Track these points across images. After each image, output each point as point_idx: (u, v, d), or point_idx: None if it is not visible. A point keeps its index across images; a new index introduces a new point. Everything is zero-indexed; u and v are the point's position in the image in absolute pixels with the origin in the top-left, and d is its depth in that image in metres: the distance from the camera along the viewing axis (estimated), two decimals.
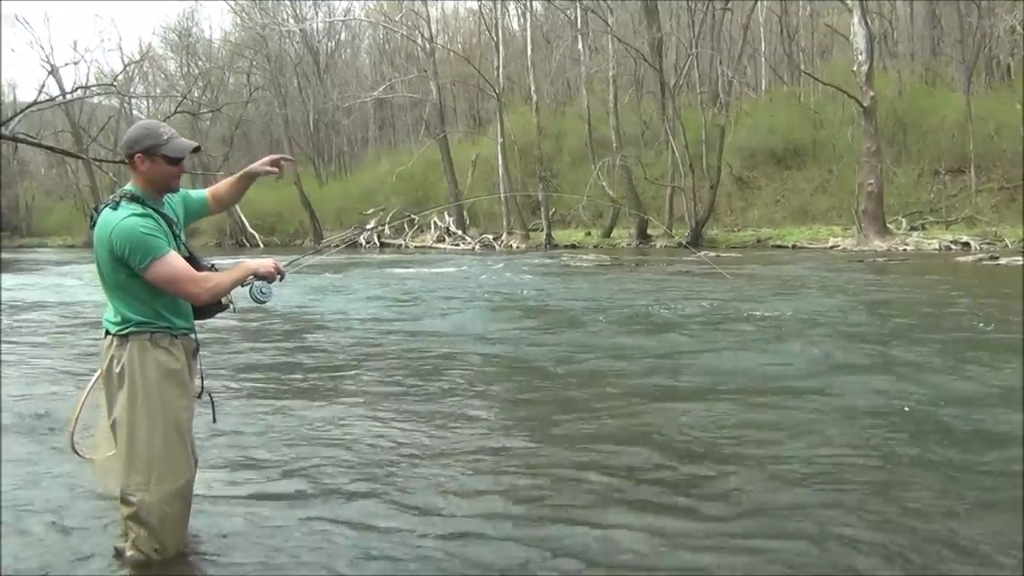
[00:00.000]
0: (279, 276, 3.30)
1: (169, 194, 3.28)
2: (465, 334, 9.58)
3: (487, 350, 8.48)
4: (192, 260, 3.19)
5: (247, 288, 3.26)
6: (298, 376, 7.20)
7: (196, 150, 3.21)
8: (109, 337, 3.12)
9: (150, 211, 3.08)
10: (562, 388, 6.60)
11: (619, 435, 5.04)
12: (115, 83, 38.61)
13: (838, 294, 12.71)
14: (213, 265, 3.31)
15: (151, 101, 58.91)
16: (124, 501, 3.10)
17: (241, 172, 3.59)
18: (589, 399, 6.12)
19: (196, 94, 48.57)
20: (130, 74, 53.26)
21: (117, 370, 3.08)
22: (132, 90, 52.52)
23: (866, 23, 25.83)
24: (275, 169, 3.53)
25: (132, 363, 3.06)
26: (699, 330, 9.43)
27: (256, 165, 3.55)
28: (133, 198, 3.08)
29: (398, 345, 8.83)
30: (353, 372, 7.36)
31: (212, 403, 3.46)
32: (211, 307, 3.29)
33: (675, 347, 8.30)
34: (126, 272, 3.03)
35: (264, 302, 3.28)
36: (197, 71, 55.94)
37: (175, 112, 29.55)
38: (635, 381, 6.70)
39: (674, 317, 10.59)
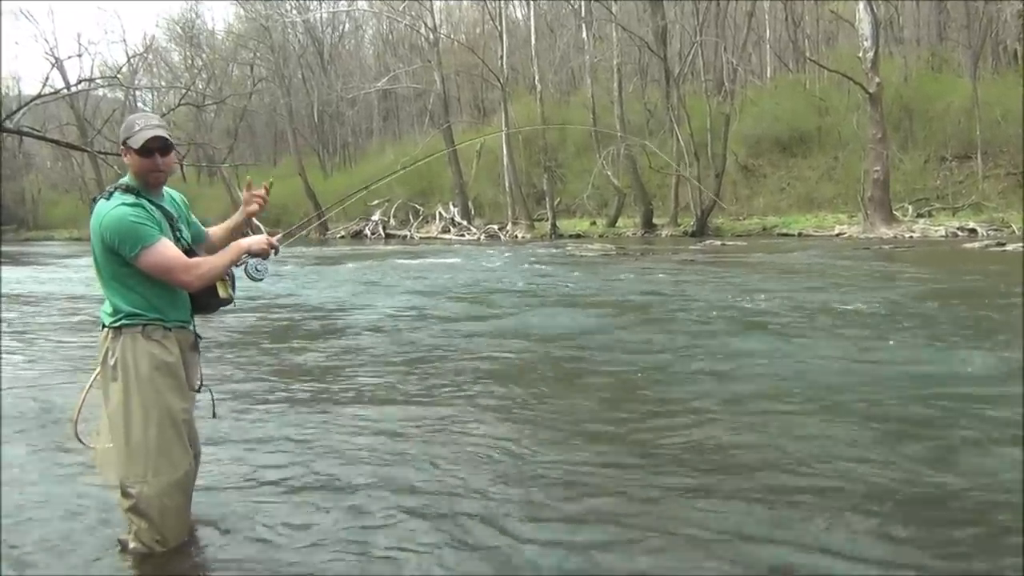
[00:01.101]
0: (273, 251, 3.27)
1: (170, 192, 3.28)
2: (521, 332, 8.75)
3: (558, 352, 7.57)
4: (190, 254, 3.19)
5: (241, 267, 3.23)
6: (322, 375, 7.02)
7: (162, 142, 3.08)
8: (105, 330, 3.13)
9: (143, 201, 3.07)
10: (659, 403, 5.54)
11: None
12: (119, 75, 38.64)
13: (890, 283, 12.24)
14: None
15: (155, 93, 58.90)
16: (124, 494, 3.11)
17: (234, 221, 3.51)
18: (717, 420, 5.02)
19: (200, 86, 48.63)
20: (134, 66, 53.36)
21: (111, 363, 3.08)
22: (136, 82, 52.47)
23: (871, 9, 25.68)
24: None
25: (125, 355, 3.06)
26: (805, 327, 8.42)
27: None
28: (128, 189, 3.09)
29: (455, 346, 8.04)
30: (395, 374, 6.85)
31: (212, 398, 3.47)
32: (213, 301, 3.27)
33: (806, 348, 7.31)
34: (118, 262, 3.04)
35: (260, 279, 3.24)
36: (201, 63, 56.01)
37: (179, 104, 29.58)
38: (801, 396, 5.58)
39: (759, 312, 9.62)
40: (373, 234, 40.33)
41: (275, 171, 53.73)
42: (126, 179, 3.14)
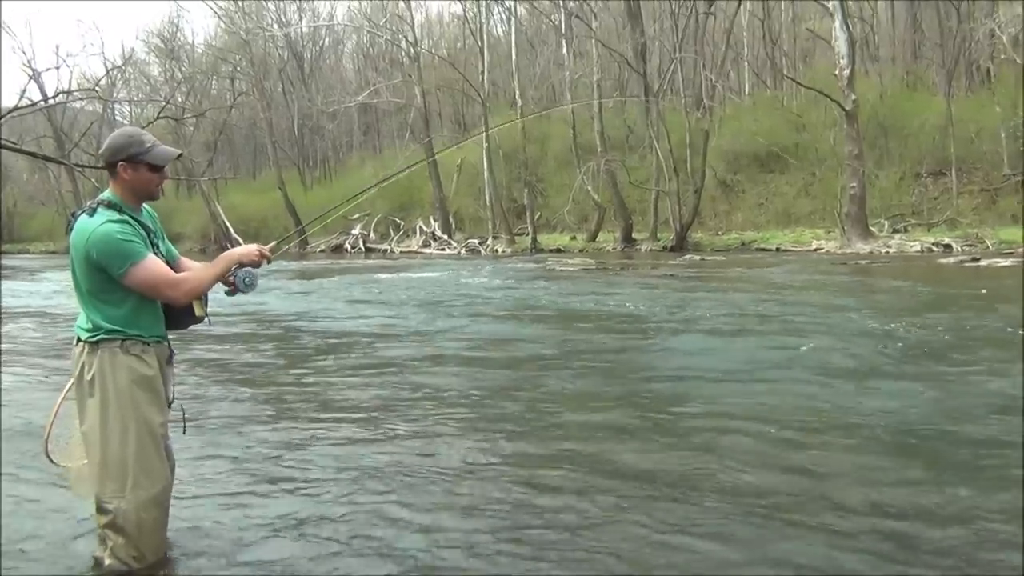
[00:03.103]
0: (265, 260, 3.27)
1: (148, 204, 3.27)
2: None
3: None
4: (170, 268, 3.18)
5: (231, 277, 3.21)
6: (303, 388, 7.03)
7: (179, 157, 3.22)
8: (80, 344, 3.10)
9: (127, 217, 3.06)
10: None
11: None
12: (97, 88, 38.31)
13: (961, 301, 11.68)
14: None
15: (134, 106, 58.55)
16: (100, 510, 3.08)
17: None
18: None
19: (179, 99, 48.37)
20: (113, 79, 52.93)
21: (88, 378, 3.05)
22: (115, 95, 52.15)
23: (847, 27, 26.02)
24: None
25: (103, 370, 3.04)
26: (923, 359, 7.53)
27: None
28: (110, 205, 3.07)
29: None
30: (385, 389, 6.87)
31: (184, 414, 3.43)
32: (186, 319, 3.25)
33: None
34: (101, 278, 3.02)
35: (249, 291, 3.24)
36: (180, 76, 55.72)
37: (158, 117, 29.35)
38: None
39: (934, 343, 8.41)
40: (353, 248, 40.20)
41: (254, 185, 53.67)
42: (107, 194, 3.12)
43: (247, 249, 3.25)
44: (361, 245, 40.20)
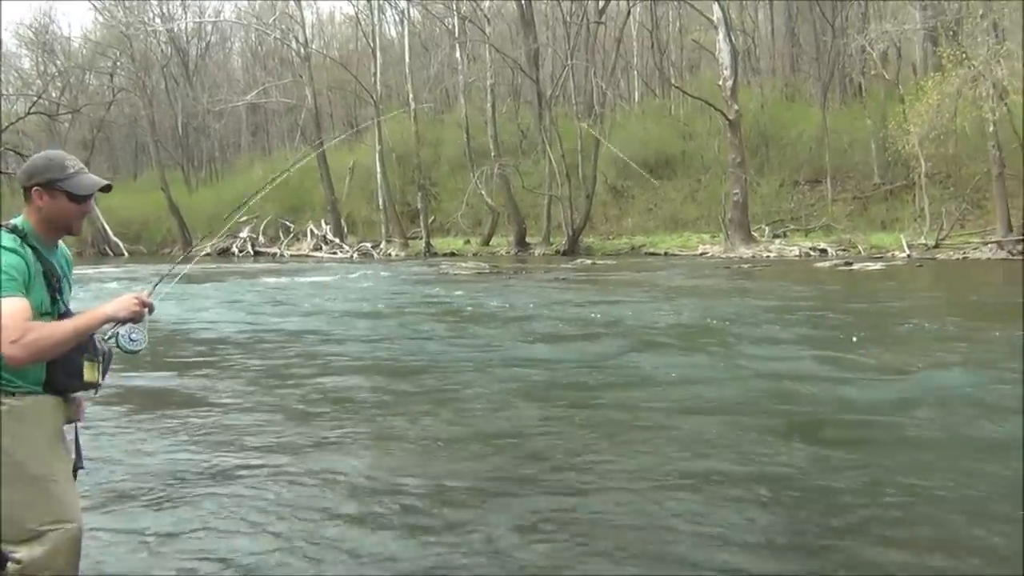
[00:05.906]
0: (147, 310, 2.65)
1: (62, 246, 2.78)
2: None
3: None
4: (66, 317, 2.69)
5: (110, 340, 2.63)
6: (202, 408, 6.66)
7: (107, 188, 2.72)
8: None
9: (28, 251, 2.57)
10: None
11: None
12: None
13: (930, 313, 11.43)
14: None
15: (3, 100, 55.32)
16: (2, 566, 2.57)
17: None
18: None
19: (53, 94, 46.06)
20: None
21: None
22: None
23: (730, 40, 27.04)
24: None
25: None
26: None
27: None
28: (15, 230, 2.59)
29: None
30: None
31: (77, 444, 2.83)
32: (73, 383, 2.64)
33: None
34: None
35: (137, 351, 2.60)
36: (55, 70, 53.05)
37: (29, 112, 27.88)
38: None
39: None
40: (241, 252, 39.09)
41: (135, 185, 51.49)
42: (19, 220, 2.65)
43: (122, 301, 2.62)
44: (250, 248, 39.14)
